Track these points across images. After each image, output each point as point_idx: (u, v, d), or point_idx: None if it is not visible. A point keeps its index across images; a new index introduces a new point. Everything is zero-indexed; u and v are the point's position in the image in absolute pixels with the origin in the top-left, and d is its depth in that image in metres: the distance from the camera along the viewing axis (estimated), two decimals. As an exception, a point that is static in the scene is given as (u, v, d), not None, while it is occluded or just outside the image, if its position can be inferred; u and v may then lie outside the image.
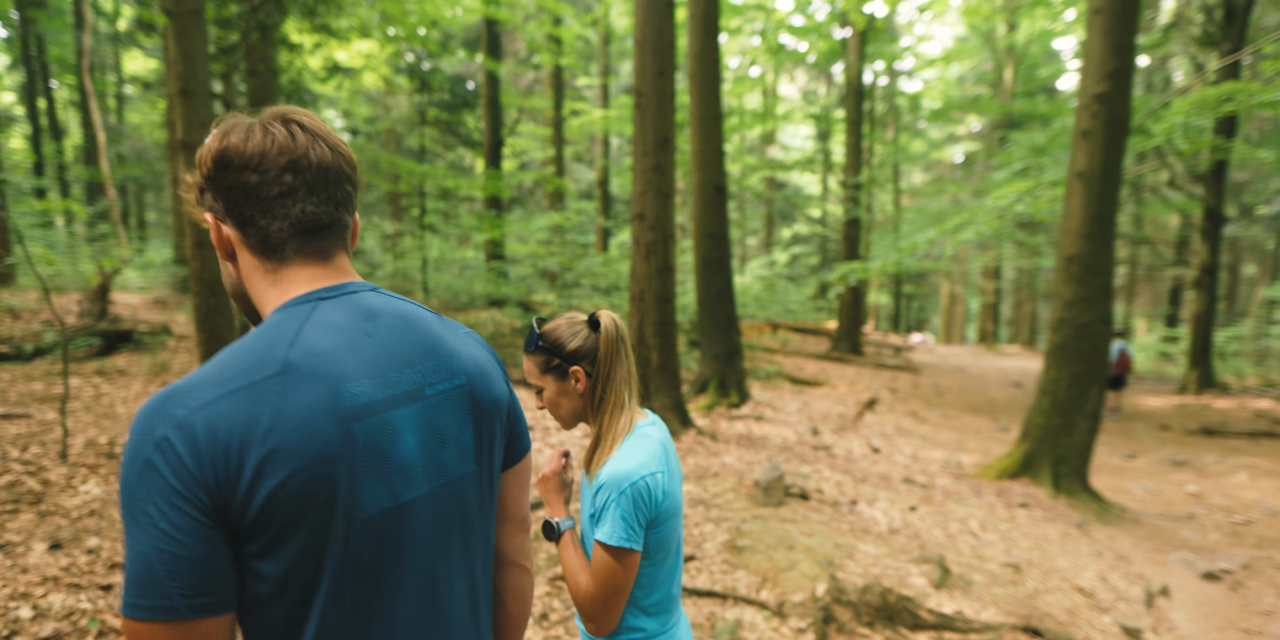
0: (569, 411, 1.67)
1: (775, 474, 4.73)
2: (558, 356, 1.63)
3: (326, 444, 0.92)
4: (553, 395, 1.66)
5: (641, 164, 7.42)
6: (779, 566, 3.79)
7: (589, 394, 1.65)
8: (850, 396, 12.36)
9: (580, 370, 1.63)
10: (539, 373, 1.66)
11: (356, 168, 1.12)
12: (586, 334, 1.65)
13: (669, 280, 7.56)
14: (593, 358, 1.64)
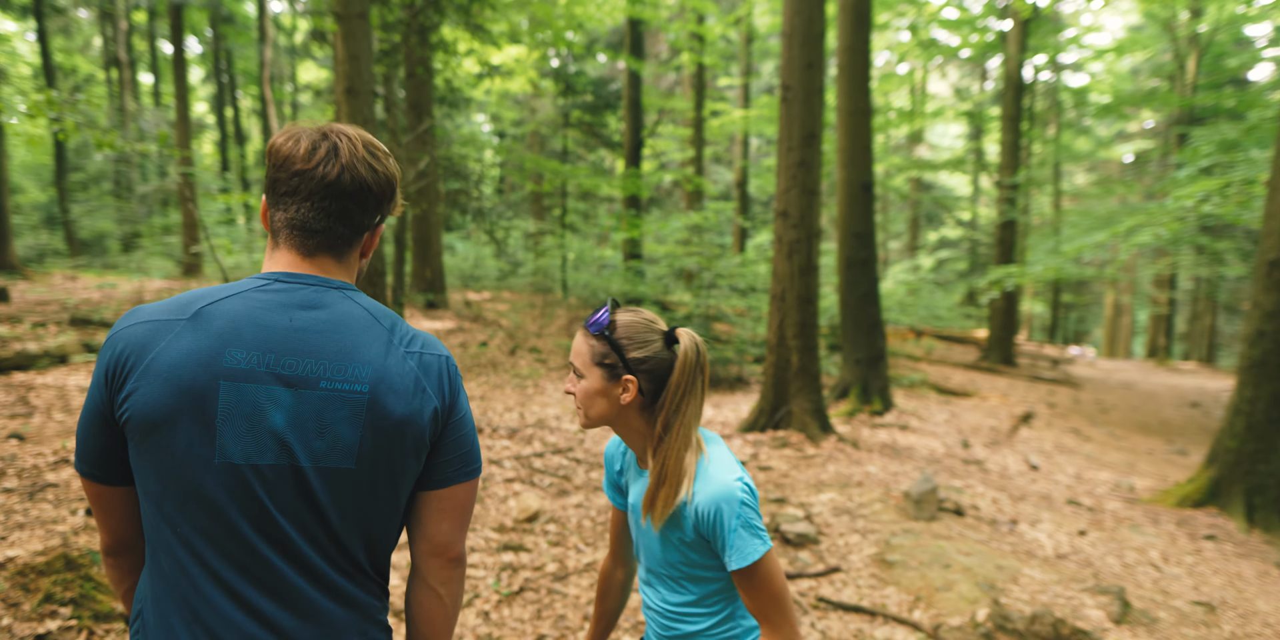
0: (599, 414, 1.51)
1: (928, 486, 4.42)
2: (618, 355, 1.47)
3: (186, 385, 1.09)
4: (591, 391, 1.49)
5: (786, 160, 7.20)
6: (933, 586, 3.51)
7: (642, 411, 1.50)
8: (1003, 409, 11.58)
9: (634, 382, 1.47)
10: (589, 360, 1.49)
11: (385, 190, 1.24)
12: (659, 348, 1.49)
13: (812, 280, 7.29)
14: (656, 376, 1.48)
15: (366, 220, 1.25)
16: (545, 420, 7.39)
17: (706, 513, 1.39)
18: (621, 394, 1.47)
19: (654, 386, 1.49)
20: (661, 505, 1.43)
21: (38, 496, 3.97)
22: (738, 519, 1.39)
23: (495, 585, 4.01)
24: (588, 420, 1.53)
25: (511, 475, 5.65)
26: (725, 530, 1.39)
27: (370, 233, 1.28)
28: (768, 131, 24.05)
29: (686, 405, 1.46)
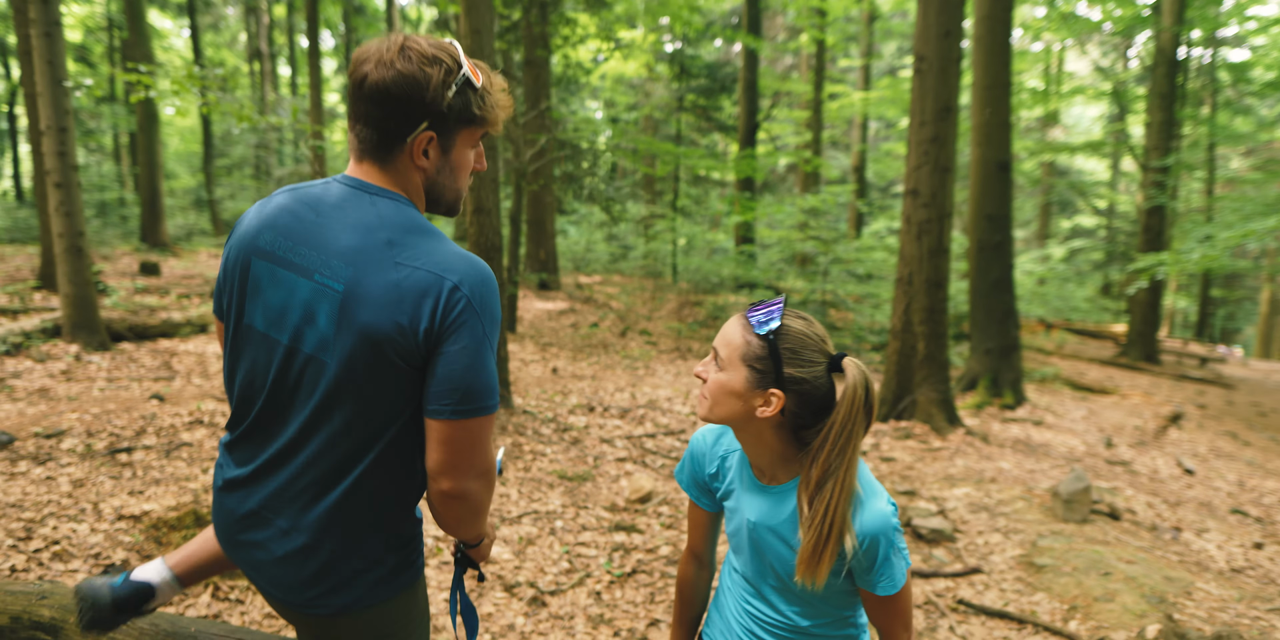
0: (724, 414, 1.34)
1: (1080, 485, 4.01)
2: (774, 365, 1.30)
3: (233, 255, 1.31)
4: (727, 388, 1.32)
5: (918, 135, 6.76)
6: (1091, 594, 3.15)
7: (781, 430, 1.35)
8: (1146, 409, 10.67)
9: (780, 399, 1.30)
10: (739, 357, 1.32)
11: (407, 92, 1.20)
12: (820, 372, 1.31)
13: (942, 263, 6.84)
14: (806, 400, 1.31)
15: (393, 125, 1.23)
16: (656, 401, 7.26)
17: (869, 541, 1.30)
18: (761, 406, 1.31)
19: (800, 411, 1.33)
20: (826, 564, 1.30)
21: (173, 454, 4.13)
22: (891, 548, 1.31)
23: (607, 565, 3.89)
24: (709, 414, 1.36)
25: (623, 455, 5.54)
26: (879, 561, 1.32)
27: (414, 139, 1.25)
28: (889, 114, 23.08)
29: (852, 450, 1.29)
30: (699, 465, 1.57)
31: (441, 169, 1.31)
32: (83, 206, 6.45)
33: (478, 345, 1.20)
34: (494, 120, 1.30)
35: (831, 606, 1.45)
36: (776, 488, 1.41)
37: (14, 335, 6.25)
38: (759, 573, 1.47)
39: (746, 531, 1.45)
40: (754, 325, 1.32)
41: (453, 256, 1.23)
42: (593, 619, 3.46)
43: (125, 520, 3.40)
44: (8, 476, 3.66)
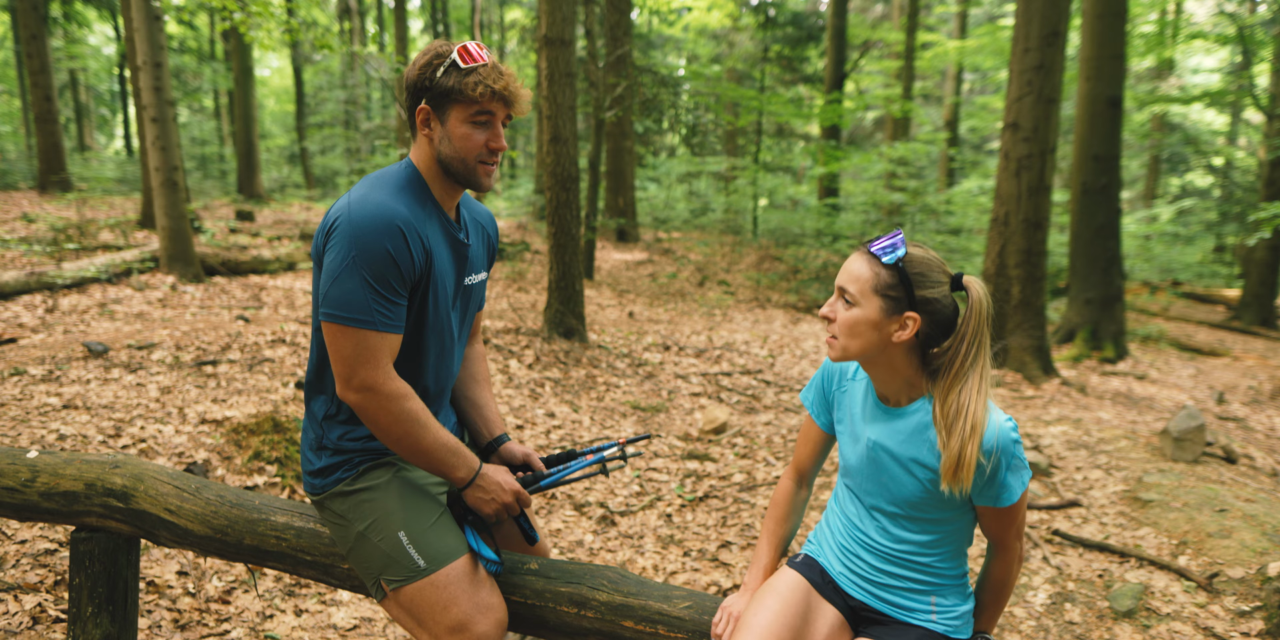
0: (860, 347, 1.41)
1: (1193, 422, 3.70)
2: (905, 289, 1.36)
3: None
4: (862, 321, 1.39)
5: (1021, 63, 6.29)
6: (1204, 530, 2.90)
7: (911, 353, 1.43)
8: (1262, 371, 9.94)
9: (916, 321, 1.37)
10: (869, 287, 1.38)
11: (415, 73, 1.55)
12: (946, 291, 1.39)
13: (1043, 202, 6.41)
14: (936, 320, 1.39)
15: (408, 104, 1.60)
16: (734, 344, 7.11)
17: (987, 457, 1.35)
18: (897, 331, 1.39)
19: (931, 331, 1.41)
20: (969, 466, 1.34)
21: (255, 368, 4.22)
22: (1014, 458, 1.37)
23: (679, 490, 3.81)
24: (843, 352, 1.44)
25: (698, 391, 5.43)
26: (1002, 472, 1.37)
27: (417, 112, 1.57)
28: (985, 64, 21.85)
29: (985, 357, 1.39)
30: (829, 381, 1.64)
31: (443, 139, 1.55)
32: (179, 141, 6.63)
33: (342, 262, 1.45)
34: (477, 97, 1.49)
35: (939, 531, 1.50)
36: (899, 410, 1.47)
37: (115, 266, 6.52)
38: (873, 494, 1.53)
39: (867, 453, 1.52)
40: (879, 256, 1.38)
41: (362, 196, 1.50)
42: (662, 539, 3.39)
43: (208, 424, 3.49)
44: (101, 381, 3.79)
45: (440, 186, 1.61)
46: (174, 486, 1.96)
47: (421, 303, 1.59)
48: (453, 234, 1.64)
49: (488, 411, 1.88)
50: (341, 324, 1.47)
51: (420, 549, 1.57)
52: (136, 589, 2.07)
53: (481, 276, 1.79)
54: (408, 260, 1.49)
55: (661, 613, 1.68)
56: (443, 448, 1.57)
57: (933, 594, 1.53)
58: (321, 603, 2.72)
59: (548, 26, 5.23)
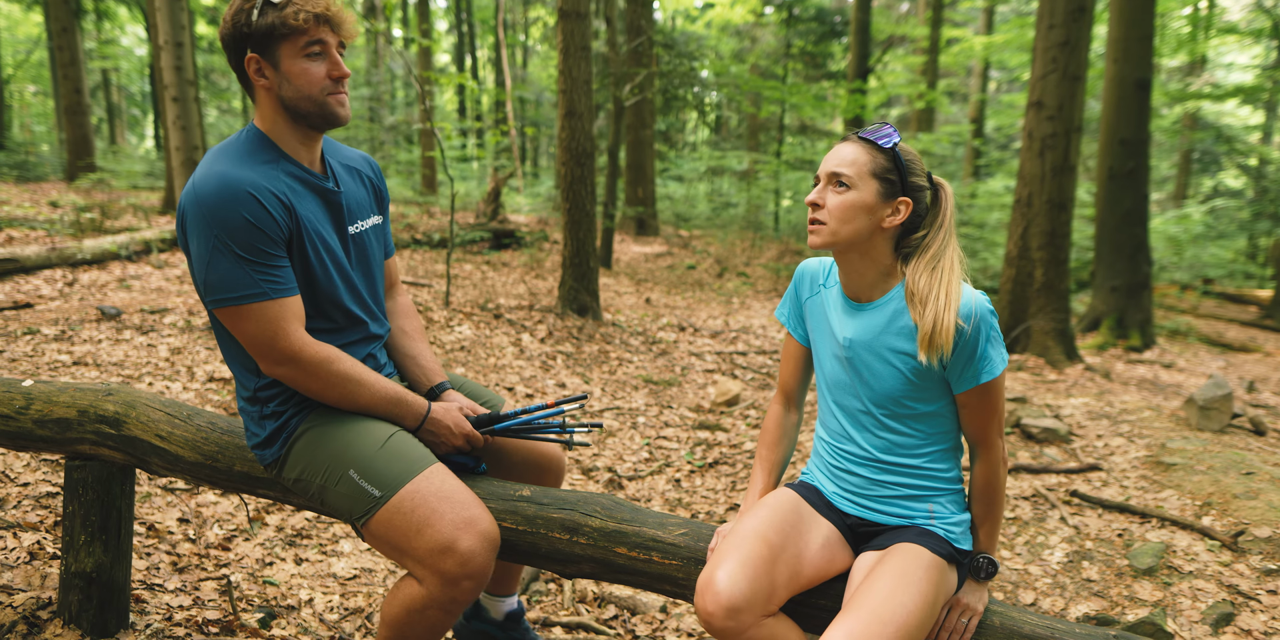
0: (851, 233, 1.41)
1: (1220, 391, 3.58)
2: (899, 174, 1.40)
3: None
4: (857, 204, 1.40)
5: (1046, 40, 6.18)
6: (1230, 492, 2.79)
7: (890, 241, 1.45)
8: (1289, 363, 9.70)
9: (909, 204, 1.41)
10: (866, 170, 1.40)
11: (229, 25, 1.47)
12: (926, 182, 1.45)
13: (1068, 183, 6.28)
14: (918, 210, 1.44)
15: (233, 61, 1.49)
16: (750, 327, 7.04)
17: (967, 321, 1.35)
18: (890, 216, 1.42)
19: (912, 221, 1.45)
20: (947, 333, 1.35)
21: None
22: (991, 330, 1.37)
23: (688, 457, 3.76)
24: (832, 237, 1.43)
25: (711, 367, 5.37)
26: (982, 342, 1.36)
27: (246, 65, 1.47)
28: (1011, 62, 21.61)
29: (953, 241, 1.45)
30: (800, 288, 1.65)
31: (281, 83, 1.46)
32: (200, 120, 6.68)
33: (207, 244, 1.39)
34: (301, 25, 1.40)
35: (926, 428, 1.49)
36: (871, 304, 1.48)
37: (135, 243, 6.58)
38: (854, 396, 1.52)
39: (844, 354, 1.52)
40: (876, 140, 1.41)
41: (203, 174, 1.41)
42: (670, 502, 3.34)
43: (215, 382, 3.49)
44: (113, 341, 3.81)
45: (292, 137, 1.53)
46: (165, 413, 1.94)
47: (303, 260, 1.52)
48: (317, 184, 1.57)
49: (424, 360, 1.82)
50: (234, 305, 1.42)
51: (371, 479, 1.50)
52: (131, 519, 2.06)
53: (372, 221, 1.72)
54: (270, 221, 1.43)
55: (656, 539, 1.63)
56: (384, 400, 1.55)
57: (929, 500, 1.50)
58: (322, 553, 2.70)
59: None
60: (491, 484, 1.75)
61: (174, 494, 2.82)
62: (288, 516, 2.85)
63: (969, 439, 1.50)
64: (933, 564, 1.37)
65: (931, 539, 1.43)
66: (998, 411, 1.43)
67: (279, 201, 1.47)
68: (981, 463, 1.47)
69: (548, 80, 27.41)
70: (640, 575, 1.65)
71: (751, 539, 1.42)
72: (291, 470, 1.61)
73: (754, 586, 1.34)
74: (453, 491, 1.50)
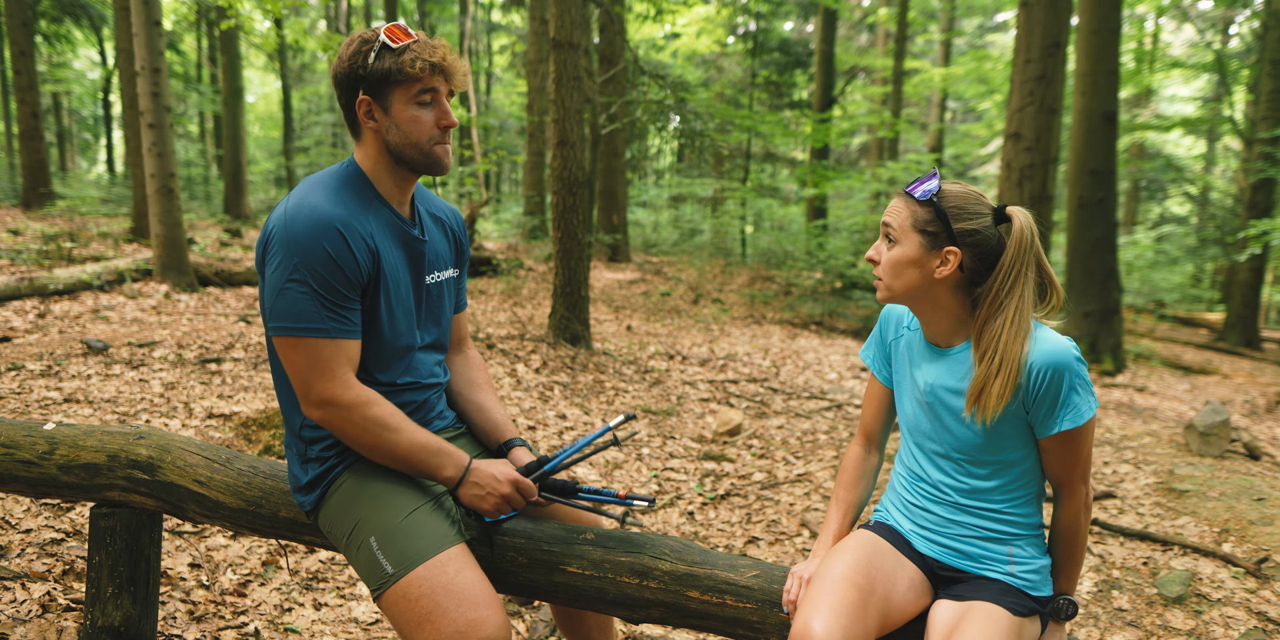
0: (905, 286, 1.40)
1: (1218, 417, 3.67)
2: (942, 223, 1.36)
3: None
4: (903, 259, 1.38)
5: (1023, 74, 6.38)
6: (1245, 518, 2.85)
7: (956, 289, 1.40)
8: (1253, 388, 10.01)
9: (956, 255, 1.35)
10: (910, 225, 1.38)
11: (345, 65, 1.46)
12: (987, 223, 1.37)
13: (1045, 212, 6.46)
14: (981, 253, 1.37)
15: (344, 100, 1.49)
16: (736, 355, 7.05)
17: (1044, 374, 1.32)
18: (939, 266, 1.37)
19: (975, 265, 1.38)
20: (997, 397, 1.33)
21: (261, 367, 4.10)
22: (1076, 378, 1.33)
23: (699, 488, 3.72)
24: (889, 293, 1.43)
25: (706, 396, 5.35)
26: (1063, 393, 1.32)
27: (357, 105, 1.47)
28: (968, 93, 22.29)
29: (1023, 286, 1.35)
30: (883, 331, 1.63)
31: (390, 128, 1.46)
32: (174, 148, 6.55)
33: (284, 272, 1.37)
34: (416, 73, 1.41)
35: (1007, 474, 1.45)
36: (953, 350, 1.45)
37: (108, 272, 6.39)
38: (933, 440, 1.50)
39: (923, 397, 1.49)
40: (915, 195, 1.38)
41: (297, 202, 1.41)
42: (686, 536, 3.29)
43: (215, 418, 3.37)
44: (103, 377, 3.67)
45: (390, 180, 1.53)
46: (203, 457, 1.86)
47: (373, 305, 1.50)
48: (404, 231, 1.55)
49: (494, 414, 1.77)
50: (293, 336, 1.40)
51: (386, 552, 1.44)
52: (159, 569, 1.96)
53: (449, 274, 1.70)
54: (351, 262, 1.41)
55: (729, 582, 1.60)
56: (421, 449, 1.48)
57: (1009, 544, 1.47)
58: (341, 596, 2.60)
59: (557, 29, 5.24)
60: (555, 527, 1.70)
61: (182, 537, 2.70)
62: (302, 558, 2.75)
63: (1052, 482, 1.47)
64: (1014, 627, 1.36)
65: (1013, 597, 1.41)
66: (1082, 458, 1.40)
67: (365, 244, 1.45)
68: (1065, 507, 1.45)
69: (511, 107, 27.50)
70: (712, 619, 1.62)
71: (841, 584, 1.39)
72: (325, 521, 1.57)
73: (848, 634, 1.31)
74: (464, 586, 1.40)
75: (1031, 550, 1.48)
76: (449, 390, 1.81)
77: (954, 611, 1.42)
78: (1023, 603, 1.42)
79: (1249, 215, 14.58)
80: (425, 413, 1.68)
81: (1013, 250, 1.35)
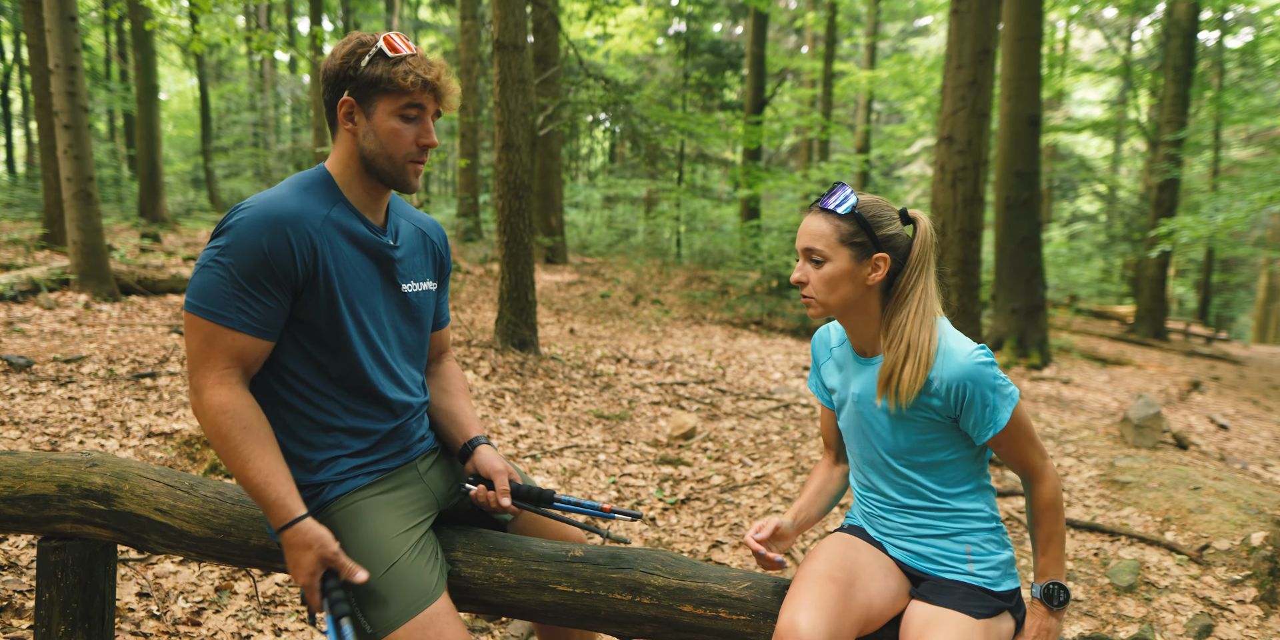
0: (840, 299, 1.44)
1: (1151, 410, 3.85)
2: (868, 233, 1.41)
3: None
4: (837, 274, 1.42)
5: (955, 79, 6.58)
6: (1184, 507, 2.99)
7: (880, 293, 1.46)
8: (1165, 377, 10.56)
9: (886, 260, 1.42)
10: (835, 240, 1.41)
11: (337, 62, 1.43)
12: (899, 226, 1.46)
13: (977, 212, 6.67)
14: (898, 255, 1.44)
15: (327, 97, 1.45)
16: (681, 356, 7.08)
17: (957, 385, 1.37)
18: (870, 274, 1.43)
19: (894, 267, 1.45)
20: (908, 382, 1.39)
21: (201, 381, 3.92)
22: (994, 380, 1.37)
23: (658, 494, 3.72)
24: (824, 308, 1.46)
25: (657, 399, 5.36)
26: (984, 394, 1.37)
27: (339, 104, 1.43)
28: (893, 95, 22.91)
29: (926, 279, 1.44)
30: (816, 358, 1.69)
31: (367, 134, 1.42)
32: (92, 150, 6.22)
33: (214, 251, 1.34)
34: (407, 86, 1.38)
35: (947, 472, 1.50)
36: (875, 358, 1.49)
37: (20, 283, 6.03)
38: (870, 449, 1.54)
39: (853, 408, 1.54)
40: (834, 209, 1.42)
41: (261, 194, 1.40)
42: (650, 542, 3.28)
43: (155, 437, 3.21)
44: (28, 395, 3.45)
45: (360, 187, 1.48)
46: (164, 484, 1.76)
47: (331, 313, 1.44)
48: (370, 238, 1.49)
49: (461, 417, 1.73)
50: (197, 315, 1.35)
51: (365, 607, 1.38)
52: (114, 603, 1.85)
53: (425, 286, 1.64)
54: (286, 259, 1.35)
55: (722, 594, 1.59)
56: (252, 485, 1.35)
57: (966, 540, 1.51)
58: (301, 621, 2.50)
59: (500, 31, 5.16)
60: (542, 545, 1.67)
61: (127, 565, 2.56)
62: (257, 580, 2.64)
63: (1015, 471, 1.51)
64: (978, 632, 1.40)
65: (975, 601, 1.45)
66: (1030, 440, 1.44)
67: (311, 244, 1.39)
68: (1034, 488, 1.48)
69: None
70: (706, 633, 1.61)
71: (822, 580, 1.43)
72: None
73: (832, 626, 1.36)
74: None
75: (989, 546, 1.52)
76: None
77: (921, 618, 1.45)
78: (985, 603, 1.46)
79: (1156, 213, 15.39)
80: (405, 439, 1.61)
81: (918, 248, 1.44)
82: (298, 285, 1.40)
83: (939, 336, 1.42)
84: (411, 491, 1.57)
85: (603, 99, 7.26)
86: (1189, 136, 18.60)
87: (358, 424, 1.51)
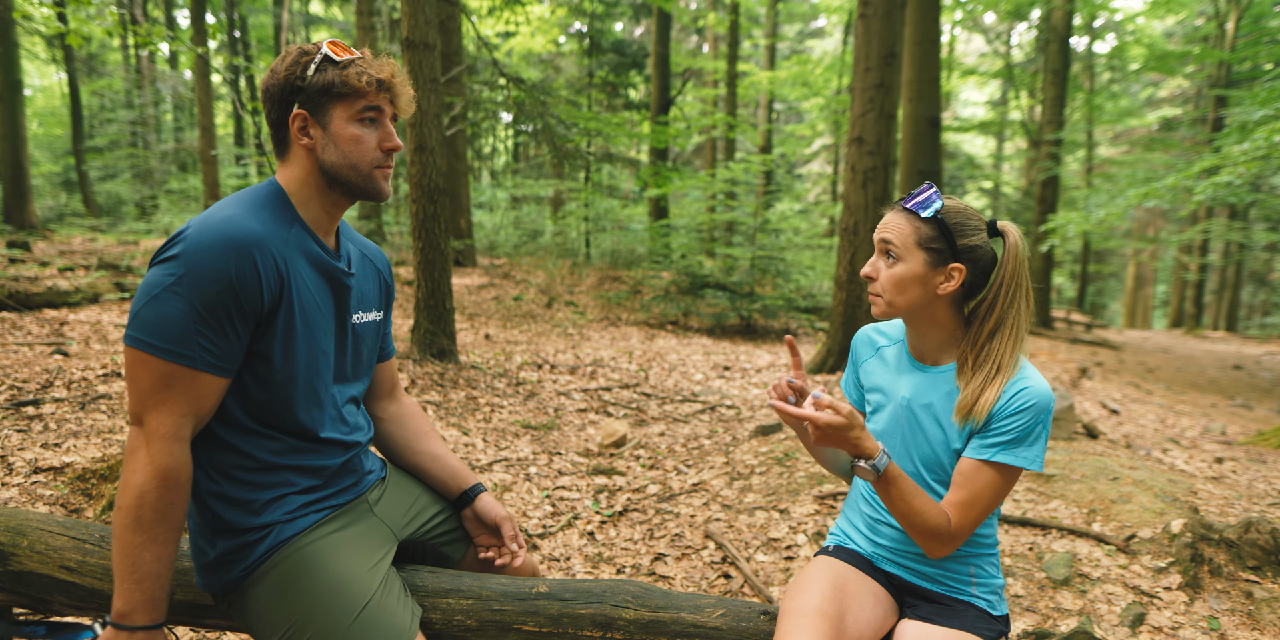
0: (907, 302, 1.39)
1: (1065, 403, 4.01)
2: (946, 241, 1.36)
3: None
4: (907, 276, 1.37)
5: (863, 82, 6.72)
6: (1107, 498, 3.11)
7: (951, 304, 1.41)
8: (1055, 365, 11.15)
9: (962, 270, 1.37)
10: (912, 241, 1.37)
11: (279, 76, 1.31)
12: (984, 239, 1.40)
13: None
14: (979, 268, 1.39)
15: (275, 115, 1.34)
16: (602, 360, 7.00)
17: (1024, 402, 1.32)
18: (943, 283, 1.38)
19: (973, 280, 1.40)
20: (987, 406, 1.34)
21: (90, 407, 3.59)
22: (1044, 427, 1.34)
23: (595, 506, 3.63)
24: (890, 309, 1.42)
25: (583, 406, 5.26)
26: (1031, 430, 1.33)
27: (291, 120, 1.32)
28: (793, 95, 23.44)
29: (1022, 299, 1.38)
30: (857, 352, 1.63)
31: (326, 146, 1.33)
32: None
33: (167, 279, 1.18)
34: (362, 88, 1.30)
35: None
36: (936, 368, 1.45)
37: None
38: (902, 456, 1.49)
39: (899, 411, 1.49)
40: (917, 210, 1.37)
41: (213, 212, 1.25)
42: (591, 558, 3.19)
43: (44, 473, 2.91)
44: (-113, 432, 3.07)
45: (319, 205, 1.37)
46: (71, 538, 1.57)
47: (287, 346, 1.30)
48: (328, 262, 1.37)
49: (449, 461, 1.64)
50: (148, 352, 1.18)
51: None
52: (9, 674, 1.63)
53: (374, 316, 1.54)
54: (254, 287, 1.22)
55: (697, 624, 1.53)
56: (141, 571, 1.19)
57: (971, 562, 1.50)
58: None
59: (409, 29, 4.95)
60: (502, 582, 1.57)
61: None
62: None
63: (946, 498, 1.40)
64: None
65: (984, 624, 1.45)
66: (996, 501, 1.35)
67: (276, 268, 1.25)
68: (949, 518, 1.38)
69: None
70: (682, 666, 1.55)
71: (814, 617, 1.38)
72: (248, 607, 1.33)
73: None
74: None
75: (990, 569, 1.52)
76: (395, 444, 1.65)
77: (921, 631, 1.43)
78: (991, 627, 1.45)
79: (1040, 208, 16.26)
80: (358, 473, 1.50)
81: (1010, 264, 1.38)
82: (261, 316, 1.26)
83: (1019, 360, 1.38)
84: (366, 526, 1.46)
85: (517, 98, 7.07)
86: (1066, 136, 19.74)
87: (305, 462, 1.38)
